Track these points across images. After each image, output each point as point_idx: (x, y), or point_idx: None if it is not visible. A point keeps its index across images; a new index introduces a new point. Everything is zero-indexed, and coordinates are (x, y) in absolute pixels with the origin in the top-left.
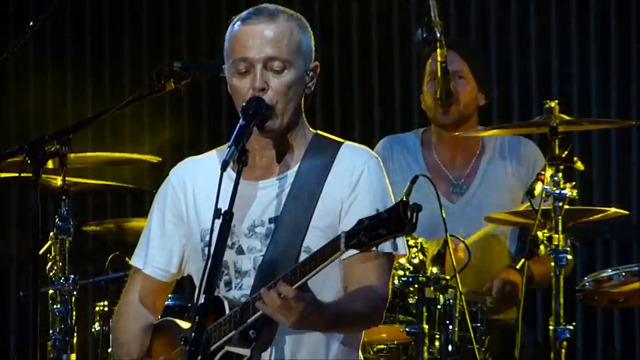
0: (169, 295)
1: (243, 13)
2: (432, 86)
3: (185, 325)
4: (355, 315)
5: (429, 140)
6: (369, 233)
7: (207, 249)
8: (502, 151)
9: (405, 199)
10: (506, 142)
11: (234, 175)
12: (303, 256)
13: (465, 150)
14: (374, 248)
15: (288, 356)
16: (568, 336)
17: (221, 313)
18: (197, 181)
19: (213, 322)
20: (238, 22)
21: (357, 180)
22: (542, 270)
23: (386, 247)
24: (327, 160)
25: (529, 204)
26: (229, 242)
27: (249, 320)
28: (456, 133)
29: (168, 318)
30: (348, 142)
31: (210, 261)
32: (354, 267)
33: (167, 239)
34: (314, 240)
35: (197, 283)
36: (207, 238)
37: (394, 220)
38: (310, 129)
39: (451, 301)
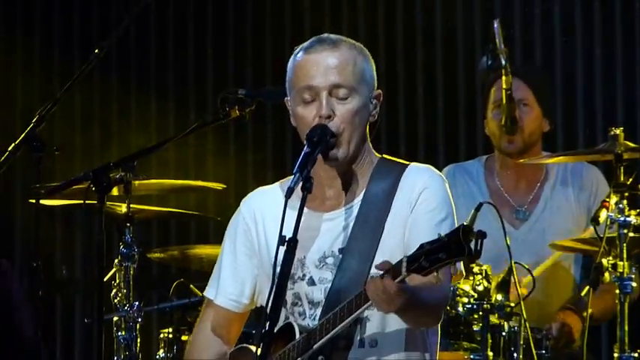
0: None
1: (306, 43)
2: (497, 114)
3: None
4: (426, 305)
5: (492, 167)
6: (429, 258)
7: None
8: (565, 177)
9: (466, 224)
10: (569, 168)
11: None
12: None
13: (528, 176)
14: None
15: None
16: None
17: (292, 339)
18: (267, 213)
19: (284, 347)
20: (301, 52)
21: (418, 196)
22: (602, 307)
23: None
24: (392, 183)
25: (592, 229)
26: (300, 274)
27: (315, 346)
28: (521, 161)
29: (244, 344)
30: (413, 164)
31: (274, 287)
32: (415, 278)
33: (239, 270)
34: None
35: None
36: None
37: (454, 245)
38: (376, 154)
39: (516, 328)
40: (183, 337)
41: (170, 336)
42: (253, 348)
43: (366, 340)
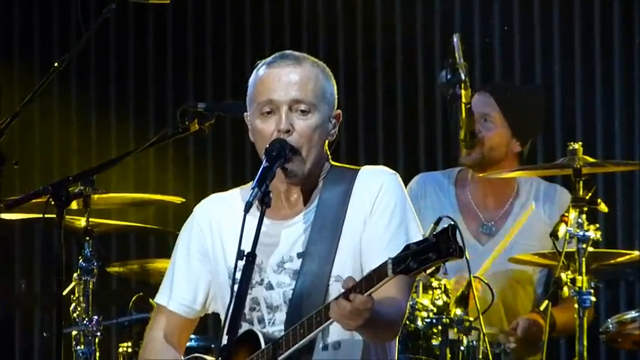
0: (192, 336)
1: (269, 58)
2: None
3: None
4: (385, 321)
5: (463, 179)
6: (417, 258)
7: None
8: (537, 196)
9: (453, 223)
10: (542, 188)
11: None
12: (333, 285)
13: (498, 192)
14: None
15: None
16: None
17: (256, 347)
18: (223, 219)
19: (248, 356)
20: (263, 67)
21: (376, 196)
22: (565, 318)
23: None
24: (346, 186)
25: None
26: (258, 279)
27: (285, 354)
28: (481, 174)
29: (196, 354)
30: (365, 166)
31: (233, 301)
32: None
33: (192, 275)
34: (343, 267)
35: (223, 320)
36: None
37: (444, 245)
38: (329, 162)
39: (475, 342)
40: None
41: (129, 350)
42: (206, 357)
43: (330, 344)
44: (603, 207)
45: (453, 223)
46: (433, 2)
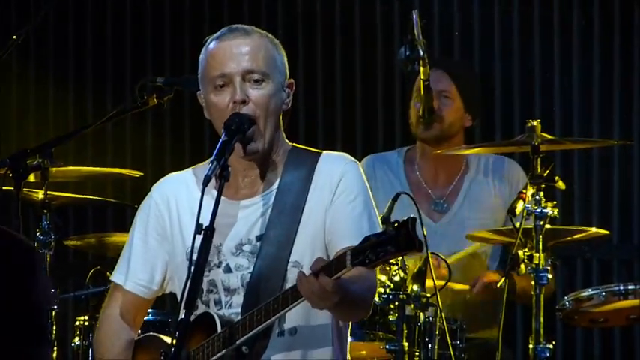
0: (150, 310)
1: (217, 34)
2: (417, 103)
3: (168, 339)
4: (356, 298)
5: (412, 158)
6: (376, 250)
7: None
8: (486, 170)
9: (413, 216)
10: (490, 162)
11: (215, 192)
12: (291, 271)
13: (447, 168)
14: None
15: None
16: (548, 355)
17: (212, 329)
18: (180, 199)
19: (204, 338)
20: (213, 42)
21: (337, 185)
22: (524, 283)
23: None
24: (307, 171)
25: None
26: (216, 261)
27: (239, 341)
28: (438, 151)
29: (151, 333)
30: (326, 152)
31: (191, 275)
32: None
33: (150, 255)
34: (301, 253)
35: (179, 298)
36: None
37: (403, 237)
38: (288, 143)
39: (431, 318)
40: None
41: (86, 323)
42: (163, 337)
43: (286, 329)
44: (561, 184)
45: (413, 216)
46: None
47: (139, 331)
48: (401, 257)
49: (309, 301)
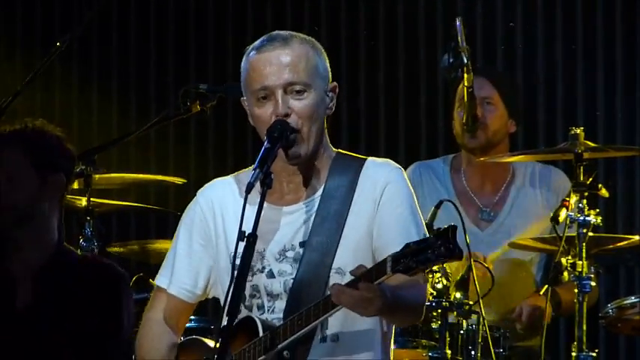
0: (192, 317)
1: (257, 42)
2: (461, 111)
3: (211, 343)
4: (407, 304)
5: (458, 166)
6: (416, 258)
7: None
8: (532, 179)
9: (453, 224)
10: (537, 171)
11: (258, 199)
12: (333, 277)
13: (494, 177)
14: None
15: None
16: None
17: (254, 334)
18: (225, 204)
19: (246, 342)
20: (253, 52)
21: (382, 192)
22: (570, 297)
23: None
24: (351, 177)
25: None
26: (259, 266)
27: (280, 346)
28: (482, 159)
29: (195, 336)
30: (371, 158)
31: (233, 282)
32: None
33: (194, 260)
34: (344, 259)
35: (223, 304)
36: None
37: (443, 245)
38: (333, 149)
39: (474, 326)
40: None
41: None
42: (206, 341)
43: (328, 336)
44: (604, 192)
45: (454, 224)
46: None
47: (181, 337)
48: (442, 265)
49: (353, 310)
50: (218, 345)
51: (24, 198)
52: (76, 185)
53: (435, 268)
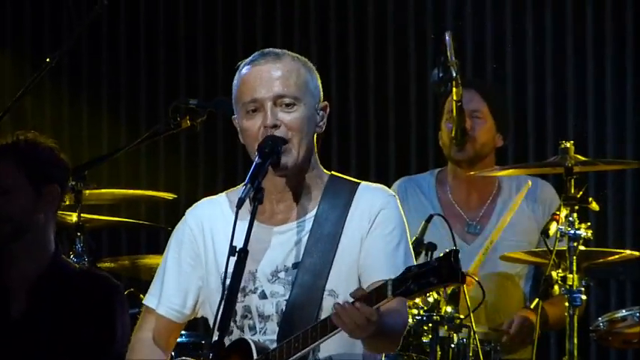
0: (183, 332)
1: (249, 58)
2: (449, 124)
3: None
4: (389, 331)
5: (444, 180)
6: (418, 282)
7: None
8: (518, 192)
9: (456, 248)
10: (523, 183)
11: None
12: (326, 299)
13: (480, 190)
14: None
15: None
16: None
17: (247, 356)
18: (215, 223)
19: None
20: (245, 67)
21: (376, 216)
22: (557, 313)
23: None
24: (345, 201)
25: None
26: (252, 287)
27: None
28: (471, 173)
29: (184, 358)
30: (364, 183)
31: (224, 298)
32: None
33: (183, 280)
34: (337, 282)
35: (213, 321)
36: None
37: (446, 270)
38: (325, 170)
39: (465, 340)
40: None
41: None
42: None
43: (321, 358)
44: (595, 205)
45: (456, 248)
46: (425, 0)
47: (172, 354)
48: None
49: (349, 331)
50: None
51: (20, 211)
52: (66, 201)
53: None
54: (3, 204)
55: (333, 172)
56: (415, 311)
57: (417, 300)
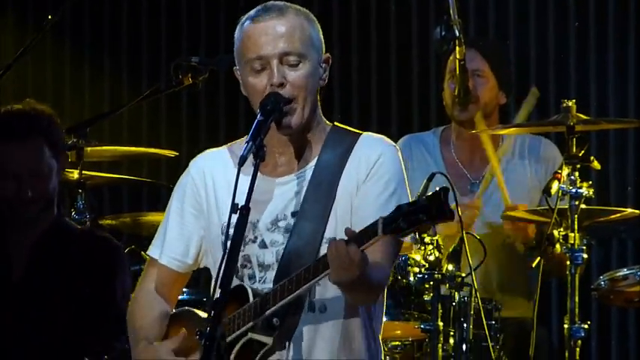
0: (185, 290)
1: (252, 12)
2: (452, 84)
3: (204, 314)
4: (371, 283)
5: (448, 138)
6: (408, 218)
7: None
8: (521, 150)
9: (444, 187)
10: (526, 142)
11: (252, 171)
12: (324, 247)
13: (483, 148)
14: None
15: (309, 344)
16: (583, 335)
17: (244, 302)
18: (217, 175)
19: (236, 310)
20: (248, 21)
21: (374, 164)
22: (558, 259)
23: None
24: (345, 150)
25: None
26: (252, 236)
27: (268, 312)
28: (474, 131)
29: (187, 307)
30: (367, 133)
31: (226, 255)
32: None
33: (185, 230)
34: (336, 229)
35: (214, 275)
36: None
37: (435, 207)
38: (327, 122)
39: (466, 298)
40: None
41: None
42: (198, 312)
43: (316, 305)
44: (596, 164)
45: (445, 186)
46: None
47: (174, 309)
48: (436, 237)
49: (332, 270)
50: (210, 317)
51: (52, 188)
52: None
53: (427, 240)
54: (37, 185)
55: (335, 123)
56: (417, 269)
57: (418, 257)
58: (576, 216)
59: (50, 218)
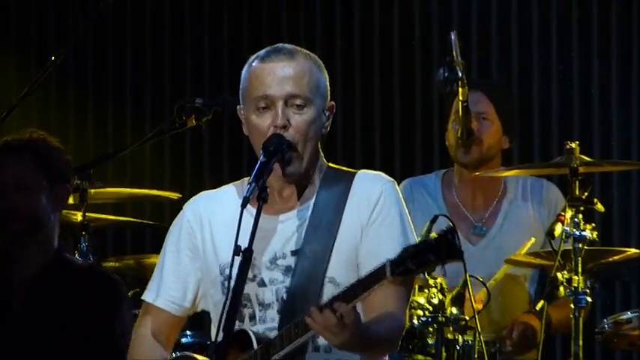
0: (188, 333)
1: (262, 52)
2: (456, 125)
3: None
4: (381, 339)
5: (450, 181)
6: (416, 259)
7: (226, 282)
8: (524, 192)
9: (451, 224)
10: (528, 184)
11: (253, 211)
12: (327, 287)
13: (486, 191)
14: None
15: None
16: None
17: (246, 346)
18: (214, 216)
19: (239, 356)
20: (257, 61)
21: (375, 204)
22: (561, 316)
23: None
24: (343, 188)
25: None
26: (250, 275)
27: (274, 357)
28: (477, 173)
29: (186, 353)
30: (361, 170)
31: (229, 299)
32: (374, 292)
33: (181, 272)
34: (337, 269)
35: (214, 318)
36: (227, 272)
37: (444, 246)
38: (325, 162)
39: (470, 342)
40: None
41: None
42: (198, 357)
43: (321, 346)
44: (600, 207)
45: (451, 224)
46: (431, 0)
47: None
48: (442, 266)
49: (324, 337)
50: None
51: (37, 208)
52: (71, 200)
53: (431, 282)
54: (21, 200)
55: (330, 164)
56: (420, 312)
57: (422, 301)
58: (580, 258)
59: (50, 252)
